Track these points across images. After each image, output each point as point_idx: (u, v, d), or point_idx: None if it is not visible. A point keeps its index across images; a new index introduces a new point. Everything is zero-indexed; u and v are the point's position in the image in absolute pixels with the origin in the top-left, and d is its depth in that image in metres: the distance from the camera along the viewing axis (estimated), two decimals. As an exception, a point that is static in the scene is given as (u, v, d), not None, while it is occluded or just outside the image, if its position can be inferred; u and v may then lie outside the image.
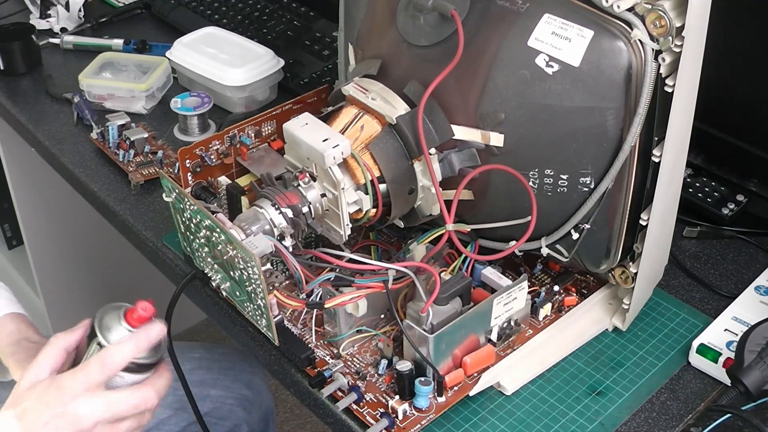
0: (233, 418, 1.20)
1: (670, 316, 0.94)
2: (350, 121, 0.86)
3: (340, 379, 0.85)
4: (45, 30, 1.48)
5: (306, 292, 0.87)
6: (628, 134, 0.79)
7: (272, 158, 0.99)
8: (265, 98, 1.28)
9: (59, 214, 1.72)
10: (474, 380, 0.85)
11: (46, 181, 1.63)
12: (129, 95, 1.28)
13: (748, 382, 0.79)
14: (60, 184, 1.29)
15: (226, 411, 1.19)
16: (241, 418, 1.20)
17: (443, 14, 0.83)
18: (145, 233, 1.07)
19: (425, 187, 0.86)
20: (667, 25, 0.75)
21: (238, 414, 1.20)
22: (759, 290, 0.95)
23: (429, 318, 0.82)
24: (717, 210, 1.05)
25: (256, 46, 1.30)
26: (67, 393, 0.74)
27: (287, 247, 0.84)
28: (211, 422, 0.97)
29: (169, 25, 1.50)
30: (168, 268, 1.04)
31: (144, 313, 0.77)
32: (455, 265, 0.90)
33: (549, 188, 0.83)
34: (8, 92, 1.35)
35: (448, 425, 0.83)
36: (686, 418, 0.84)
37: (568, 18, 0.78)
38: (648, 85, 0.77)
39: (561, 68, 0.78)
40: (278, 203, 0.84)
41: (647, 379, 0.88)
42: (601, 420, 0.84)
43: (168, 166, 1.16)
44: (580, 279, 0.96)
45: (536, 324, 0.91)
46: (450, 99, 0.83)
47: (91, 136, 1.22)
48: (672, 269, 0.99)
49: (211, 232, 0.84)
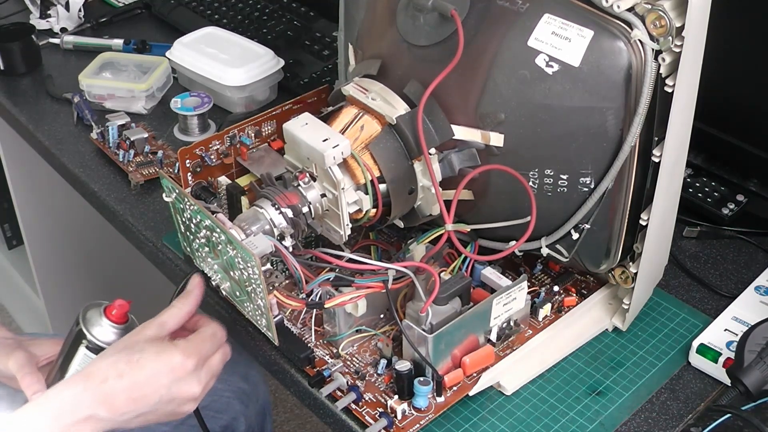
0: (230, 411, 1.20)
1: (670, 316, 0.94)
2: (350, 121, 0.86)
3: (340, 378, 0.85)
4: (45, 30, 1.48)
5: (306, 292, 0.87)
6: (628, 134, 0.79)
7: (272, 158, 0.99)
8: (265, 98, 1.28)
9: (59, 214, 1.72)
10: (473, 380, 0.85)
11: (46, 181, 1.62)
12: (129, 95, 1.28)
13: (748, 382, 0.79)
14: (60, 184, 1.29)
15: (223, 404, 1.19)
16: (238, 411, 1.21)
17: (443, 14, 0.83)
18: (145, 233, 1.07)
19: (425, 187, 0.86)
20: (667, 25, 0.75)
21: (235, 407, 1.21)
22: (759, 290, 0.95)
23: (428, 318, 0.82)
24: (717, 210, 1.05)
25: (256, 46, 1.30)
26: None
27: (287, 247, 0.84)
28: (208, 416, 0.98)
29: (169, 25, 1.50)
30: (168, 268, 1.04)
31: (120, 309, 0.86)
32: (455, 265, 0.90)
33: (549, 188, 0.83)
34: (8, 92, 1.35)
35: (448, 425, 0.83)
36: (686, 418, 0.84)
37: (568, 18, 0.78)
38: (648, 85, 0.77)
39: (561, 68, 0.78)
40: (278, 203, 0.84)
41: (647, 379, 0.88)
42: (601, 420, 0.84)
43: (168, 166, 1.16)
44: (580, 279, 0.96)
45: (536, 324, 0.91)
46: (450, 99, 0.83)
47: (91, 136, 1.22)
48: (672, 269, 0.99)
49: (211, 232, 0.84)
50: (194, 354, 0.80)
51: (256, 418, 1.24)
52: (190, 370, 0.80)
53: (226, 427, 1.19)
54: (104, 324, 0.86)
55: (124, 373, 0.78)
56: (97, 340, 0.85)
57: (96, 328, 0.85)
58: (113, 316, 0.86)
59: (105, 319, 0.86)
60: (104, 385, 0.78)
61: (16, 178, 1.66)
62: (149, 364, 0.79)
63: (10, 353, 0.91)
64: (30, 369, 0.89)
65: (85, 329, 0.85)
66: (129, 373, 0.78)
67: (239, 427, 1.21)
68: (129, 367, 0.78)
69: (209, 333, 0.84)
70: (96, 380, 0.78)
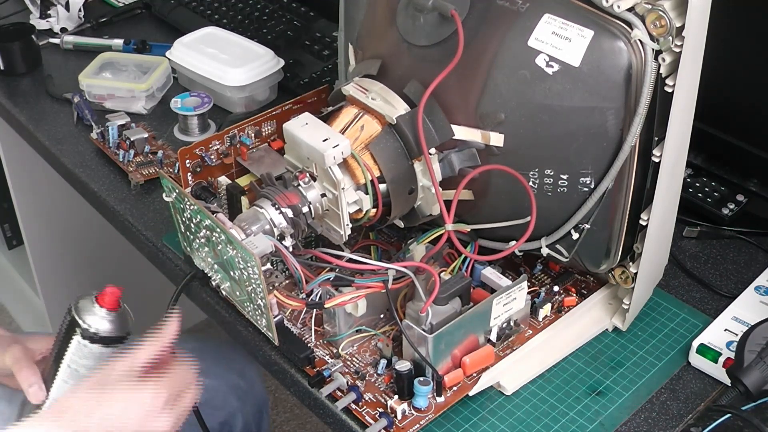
0: (228, 408, 1.21)
1: (670, 316, 0.94)
2: (350, 121, 0.86)
3: (340, 378, 0.85)
4: (45, 30, 1.48)
5: (306, 292, 0.87)
6: (628, 134, 0.79)
7: (272, 158, 0.99)
8: (265, 98, 1.28)
9: (59, 214, 1.72)
10: (473, 380, 0.85)
11: (46, 181, 1.63)
12: (129, 95, 1.28)
13: (748, 382, 0.79)
14: (60, 184, 1.29)
15: (220, 400, 1.20)
16: (235, 407, 1.21)
17: (443, 14, 0.83)
18: (145, 233, 1.07)
19: (425, 187, 0.86)
20: (667, 25, 0.75)
21: (232, 403, 1.21)
22: (759, 290, 0.95)
23: (428, 318, 0.82)
24: (717, 210, 1.05)
25: (256, 46, 1.30)
26: None
27: (287, 247, 0.84)
28: (205, 412, 0.98)
29: (169, 25, 1.50)
30: (168, 268, 1.04)
31: (112, 295, 0.86)
32: (455, 265, 0.90)
33: (549, 188, 0.83)
34: (8, 92, 1.35)
35: (448, 425, 0.83)
36: (686, 418, 0.84)
37: (568, 18, 0.78)
38: (648, 85, 0.77)
39: (561, 68, 0.78)
40: (278, 203, 0.84)
41: (647, 379, 0.88)
42: (601, 420, 0.84)
43: (168, 166, 1.16)
44: (580, 279, 0.96)
45: (536, 324, 0.91)
46: (450, 99, 0.83)
47: (91, 136, 1.22)
48: (672, 269, 0.99)
49: (211, 232, 0.84)
50: (165, 391, 0.81)
51: (254, 415, 1.24)
52: (159, 408, 0.80)
53: (224, 423, 1.19)
54: (97, 311, 0.86)
55: (94, 410, 0.79)
56: (90, 327, 0.85)
57: (89, 316, 0.85)
58: (105, 303, 0.86)
59: (97, 306, 0.86)
60: (75, 422, 0.78)
61: (16, 178, 1.66)
62: (120, 400, 0.79)
63: (6, 348, 0.91)
64: (27, 363, 0.89)
65: (78, 317, 0.85)
66: (99, 409, 0.79)
67: (236, 423, 1.21)
68: (99, 404, 0.79)
69: (181, 371, 0.84)
70: (67, 417, 0.78)
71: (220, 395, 1.19)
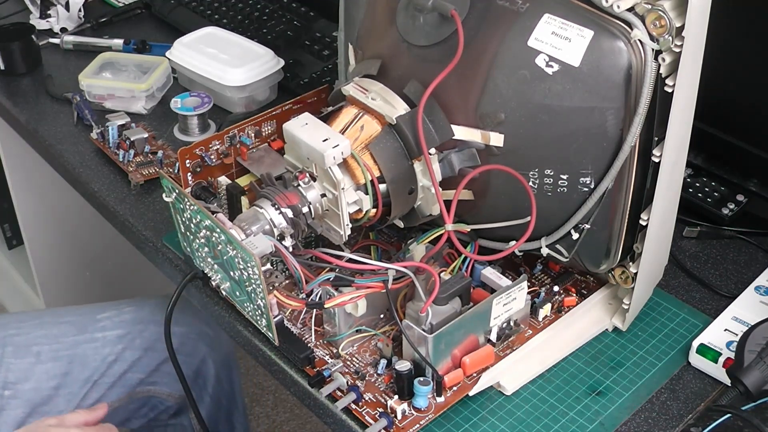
0: (198, 354, 1.23)
1: (670, 316, 0.94)
2: (350, 121, 0.86)
3: (339, 378, 0.85)
4: (45, 30, 1.48)
5: (306, 292, 0.87)
6: (628, 134, 0.79)
7: (272, 158, 0.99)
8: (265, 98, 1.28)
9: (59, 214, 1.72)
10: (473, 380, 0.85)
11: (46, 181, 1.62)
12: (129, 95, 1.28)
13: (748, 382, 0.79)
14: (60, 184, 1.29)
15: (191, 347, 1.22)
16: (206, 353, 1.24)
17: (443, 14, 0.83)
18: (145, 233, 1.07)
19: (425, 187, 0.86)
20: (667, 25, 0.75)
21: (202, 349, 1.23)
22: (759, 290, 0.95)
23: (428, 318, 0.82)
24: (717, 210, 1.05)
25: (256, 46, 1.30)
26: None
27: (287, 247, 0.84)
28: (179, 360, 1.00)
29: (169, 25, 1.50)
30: (168, 268, 1.04)
31: None
32: (455, 265, 0.90)
33: (549, 188, 0.83)
34: (8, 92, 1.35)
35: (448, 425, 0.83)
36: (686, 418, 0.84)
37: (568, 18, 0.78)
38: (648, 85, 0.77)
39: (561, 68, 0.78)
40: (278, 203, 0.84)
41: (647, 379, 0.88)
42: (601, 420, 0.84)
43: (168, 166, 1.16)
44: (580, 279, 0.96)
45: (536, 324, 0.91)
46: (450, 99, 0.83)
47: (91, 136, 1.22)
48: (672, 269, 0.99)
49: (211, 232, 0.84)
50: None
51: (222, 362, 1.27)
52: None
53: (197, 372, 1.23)
54: None
55: None
56: None
57: None
58: None
59: None
60: None
61: (16, 178, 1.66)
62: None
63: None
64: None
65: None
66: None
67: (208, 371, 1.24)
68: None
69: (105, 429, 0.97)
70: None
71: (190, 341, 1.22)
